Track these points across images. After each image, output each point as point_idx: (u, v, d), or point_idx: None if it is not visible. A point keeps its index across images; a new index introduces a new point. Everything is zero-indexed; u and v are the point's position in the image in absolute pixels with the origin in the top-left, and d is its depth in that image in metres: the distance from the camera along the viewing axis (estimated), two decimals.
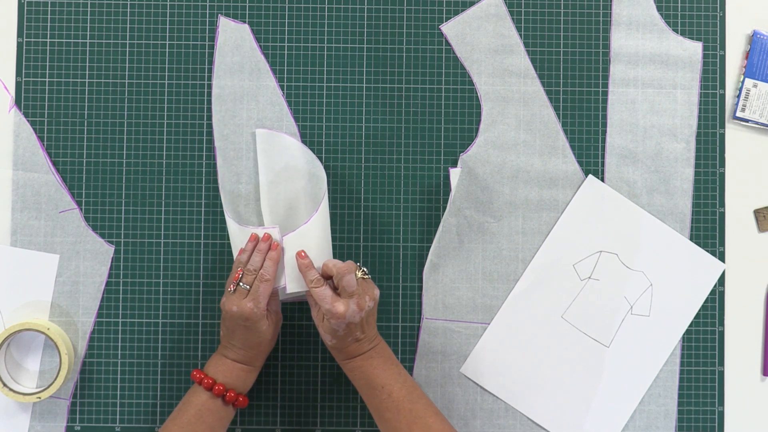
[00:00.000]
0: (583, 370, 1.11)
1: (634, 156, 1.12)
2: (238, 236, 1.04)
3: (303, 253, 1.02)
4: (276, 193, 1.09)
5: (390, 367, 1.01)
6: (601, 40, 1.13)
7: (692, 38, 1.13)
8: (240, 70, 1.12)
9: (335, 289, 1.00)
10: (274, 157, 1.10)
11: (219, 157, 1.10)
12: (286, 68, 1.12)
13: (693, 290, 1.12)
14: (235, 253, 1.05)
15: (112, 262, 1.11)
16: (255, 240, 1.02)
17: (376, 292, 1.01)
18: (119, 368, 1.11)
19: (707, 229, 1.13)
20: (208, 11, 1.13)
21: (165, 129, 1.12)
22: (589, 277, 1.11)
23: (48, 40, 1.12)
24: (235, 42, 1.12)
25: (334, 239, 1.11)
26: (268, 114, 1.12)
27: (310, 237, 1.03)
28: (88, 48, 1.12)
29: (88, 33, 1.12)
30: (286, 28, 1.13)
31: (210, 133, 1.12)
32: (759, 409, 1.12)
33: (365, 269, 1.01)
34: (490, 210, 1.12)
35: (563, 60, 1.13)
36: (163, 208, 1.11)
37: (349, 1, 1.13)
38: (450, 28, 1.13)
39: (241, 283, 1.00)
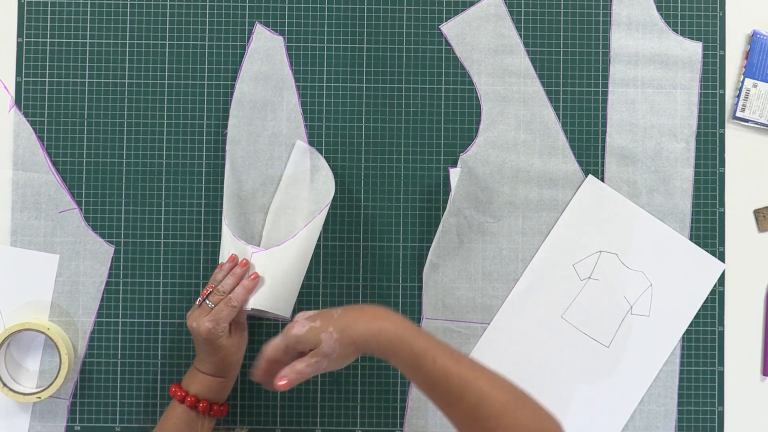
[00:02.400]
0: (583, 370, 1.11)
1: (634, 156, 1.12)
2: (228, 245, 1.04)
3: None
4: (283, 204, 1.10)
5: (422, 334, 0.90)
6: (601, 40, 1.13)
7: (692, 38, 1.13)
8: (266, 80, 1.11)
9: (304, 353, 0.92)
10: (301, 172, 1.10)
11: (228, 161, 1.09)
12: None
13: (693, 290, 1.12)
14: (220, 260, 1.05)
15: (112, 262, 1.11)
16: (234, 261, 1.02)
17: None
18: (119, 368, 1.11)
19: (707, 229, 1.13)
20: (207, 11, 1.13)
21: (165, 129, 1.12)
22: (589, 277, 1.11)
23: (48, 40, 1.12)
24: (266, 51, 1.12)
25: (334, 239, 1.11)
26: (284, 129, 1.11)
27: (281, 260, 1.02)
28: (88, 48, 1.12)
29: (88, 33, 1.12)
30: (286, 28, 1.13)
31: (210, 134, 1.12)
32: (759, 409, 1.12)
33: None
34: (490, 210, 1.12)
35: (563, 60, 1.13)
36: (163, 208, 1.11)
37: (349, 1, 1.13)
38: (450, 28, 1.13)
39: (207, 301, 1.00)
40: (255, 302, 1.01)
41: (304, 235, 1.03)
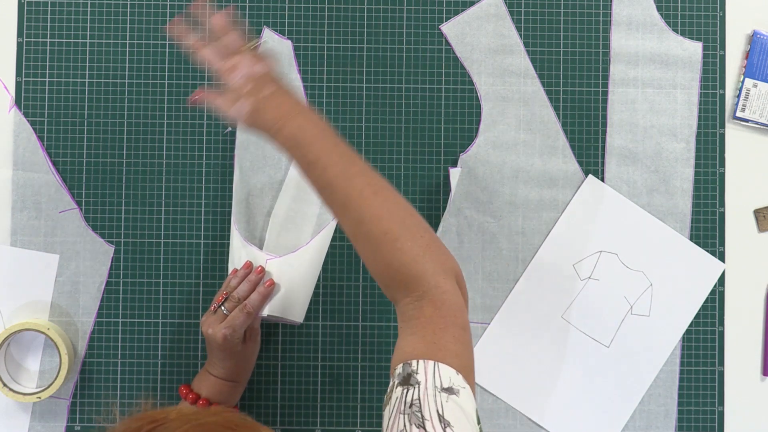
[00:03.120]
0: (583, 370, 1.11)
1: (634, 156, 1.12)
2: (239, 250, 1.04)
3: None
4: (291, 209, 1.09)
5: (324, 138, 0.85)
6: (601, 40, 1.13)
7: (692, 38, 1.13)
8: None
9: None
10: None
11: (236, 165, 1.09)
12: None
13: (693, 290, 1.12)
14: (230, 266, 1.05)
15: (112, 262, 1.11)
16: (248, 268, 1.02)
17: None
18: (119, 368, 1.11)
19: (707, 229, 1.13)
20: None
21: (165, 129, 1.12)
22: (589, 277, 1.11)
23: (48, 40, 1.12)
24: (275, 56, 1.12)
25: (334, 238, 1.11)
26: None
27: (295, 267, 1.03)
28: (88, 48, 1.12)
29: (88, 33, 1.12)
30: (286, 28, 1.13)
31: (210, 134, 1.12)
32: (759, 409, 1.12)
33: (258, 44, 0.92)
34: (490, 210, 1.12)
35: (563, 60, 1.13)
36: (163, 208, 1.11)
37: (349, 1, 1.13)
38: (450, 28, 1.13)
39: (222, 307, 1.00)
40: (270, 309, 1.01)
41: (318, 242, 1.04)
